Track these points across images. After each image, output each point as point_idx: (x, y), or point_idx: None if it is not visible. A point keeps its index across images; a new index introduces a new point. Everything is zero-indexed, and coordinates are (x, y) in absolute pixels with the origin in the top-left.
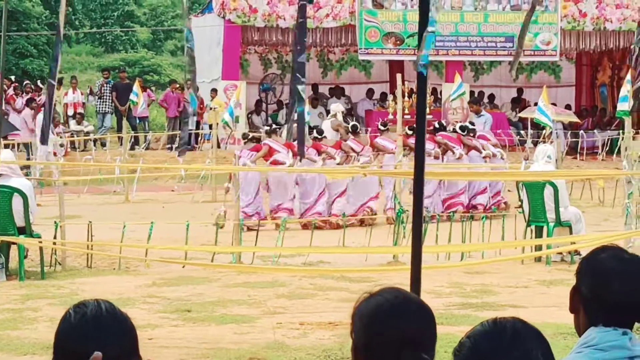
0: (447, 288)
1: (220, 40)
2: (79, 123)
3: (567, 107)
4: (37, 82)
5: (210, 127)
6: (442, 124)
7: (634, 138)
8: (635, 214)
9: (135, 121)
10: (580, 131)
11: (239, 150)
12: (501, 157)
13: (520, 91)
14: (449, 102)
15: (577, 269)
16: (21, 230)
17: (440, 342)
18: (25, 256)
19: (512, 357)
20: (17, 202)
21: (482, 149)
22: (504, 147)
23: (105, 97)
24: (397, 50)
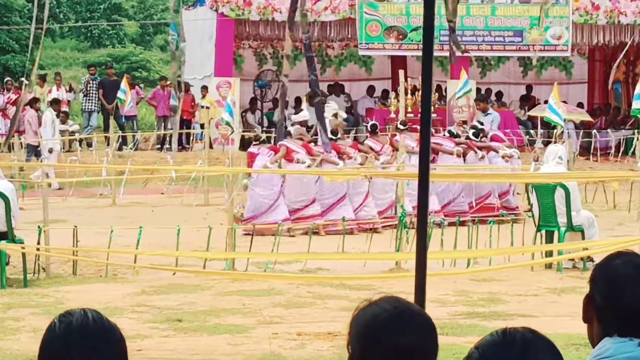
0: (452, 296)
1: (212, 34)
2: (64, 122)
3: (579, 105)
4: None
5: (202, 126)
6: (452, 133)
7: None
8: None
9: (123, 120)
10: (593, 130)
11: (256, 149)
12: (517, 157)
13: (529, 88)
14: (454, 100)
15: (591, 277)
16: (2, 236)
17: (445, 352)
18: (7, 263)
19: None
20: None
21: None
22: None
23: (91, 94)
24: (400, 45)
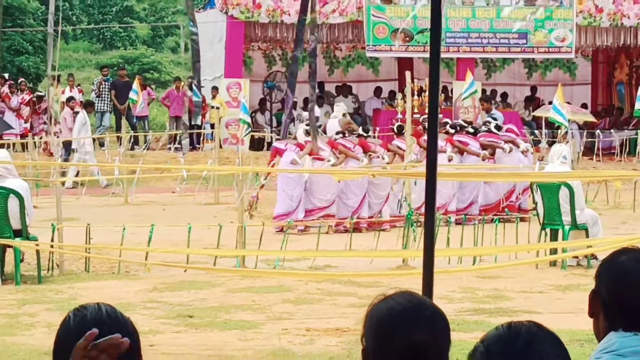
0: (459, 293)
1: (222, 36)
2: None
3: (583, 106)
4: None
5: (212, 126)
6: (475, 128)
7: None
8: None
9: (135, 120)
10: (596, 131)
11: (282, 144)
12: (532, 152)
13: (534, 89)
14: (460, 101)
15: (597, 272)
16: (17, 233)
17: (452, 348)
18: (22, 260)
19: None
20: (13, 203)
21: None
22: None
23: (103, 95)
24: (406, 47)
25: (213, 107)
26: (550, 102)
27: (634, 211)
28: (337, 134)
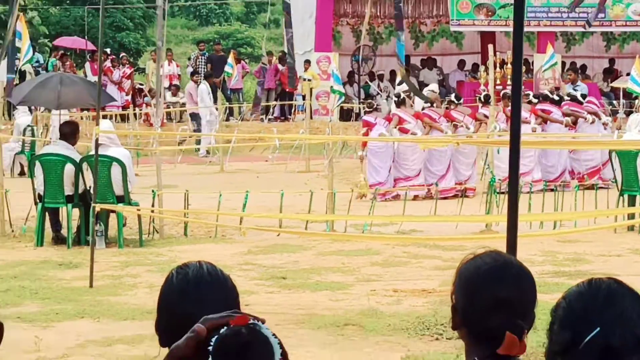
0: (540, 256)
1: (312, 12)
2: (175, 95)
3: None
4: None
5: (304, 97)
6: (560, 96)
7: None
8: None
9: (230, 93)
10: None
11: (372, 118)
12: (610, 125)
13: (612, 62)
14: (540, 73)
15: None
16: (120, 199)
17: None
18: (124, 224)
19: (606, 316)
20: (116, 171)
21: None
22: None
23: (200, 69)
24: (489, 22)
25: (305, 80)
26: (628, 74)
27: None
28: (425, 103)
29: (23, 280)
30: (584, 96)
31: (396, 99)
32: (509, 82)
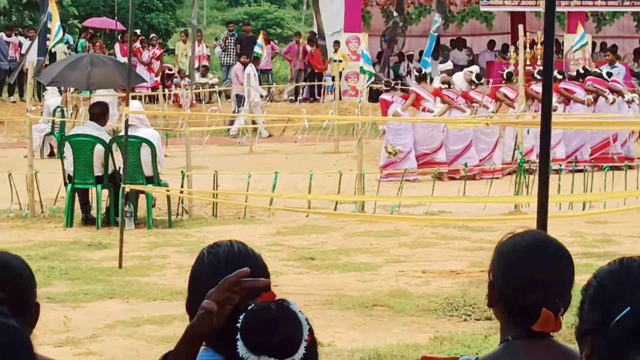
0: (569, 237)
1: None
2: (204, 75)
3: None
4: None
5: (333, 78)
6: (586, 69)
7: None
8: None
9: (259, 73)
10: None
11: (389, 96)
12: (638, 103)
13: None
14: (571, 53)
15: None
16: (149, 180)
17: None
18: (153, 205)
19: (638, 295)
20: (145, 152)
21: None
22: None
23: (229, 49)
24: (519, 2)
25: (335, 61)
26: None
27: None
28: (442, 83)
29: (52, 261)
30: (609, 74)
31: (417, 74)
32: (539, 63)
